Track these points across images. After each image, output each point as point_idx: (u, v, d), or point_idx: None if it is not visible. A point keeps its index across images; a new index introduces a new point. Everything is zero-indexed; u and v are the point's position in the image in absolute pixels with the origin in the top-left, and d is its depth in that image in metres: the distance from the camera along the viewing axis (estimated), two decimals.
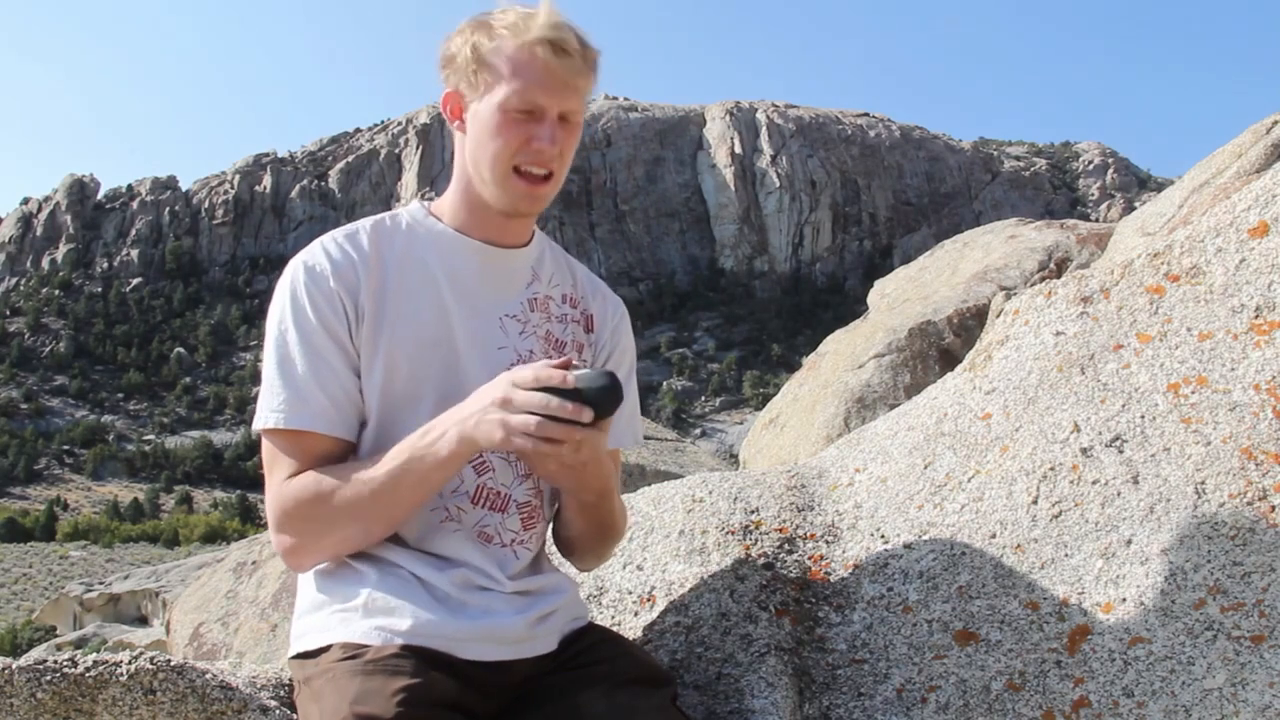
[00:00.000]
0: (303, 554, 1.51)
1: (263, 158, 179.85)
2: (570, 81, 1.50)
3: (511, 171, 1.53)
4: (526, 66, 1.48)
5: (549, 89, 1.49)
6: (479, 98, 1.53)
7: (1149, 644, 1.58)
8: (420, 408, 1.52)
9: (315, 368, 1.49)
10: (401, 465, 1.44)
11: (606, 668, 1.53)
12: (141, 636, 23.35)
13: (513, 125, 1.50)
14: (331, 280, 1.51)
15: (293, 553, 1.51)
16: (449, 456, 1.43)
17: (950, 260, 5.85)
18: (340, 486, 1.45)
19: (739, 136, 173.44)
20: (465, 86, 1.54)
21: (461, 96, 1.56)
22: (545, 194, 1.56)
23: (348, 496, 1.45)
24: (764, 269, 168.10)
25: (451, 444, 1.42)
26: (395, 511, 1.47)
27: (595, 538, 1.69)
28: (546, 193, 1.56)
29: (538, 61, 1.48)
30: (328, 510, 1.46)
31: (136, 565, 51.19)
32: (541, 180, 1.54)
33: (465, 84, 1.54)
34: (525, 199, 1.55)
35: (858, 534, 1.96)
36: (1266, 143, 3.79)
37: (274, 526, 1.50)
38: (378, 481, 1.44)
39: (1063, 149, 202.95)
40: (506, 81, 1.49)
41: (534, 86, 1.49)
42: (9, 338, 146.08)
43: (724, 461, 12.18)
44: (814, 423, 4.62)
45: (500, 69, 1.49)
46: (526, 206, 1.57)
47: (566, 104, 1.52)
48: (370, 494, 1.44)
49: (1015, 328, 2.10)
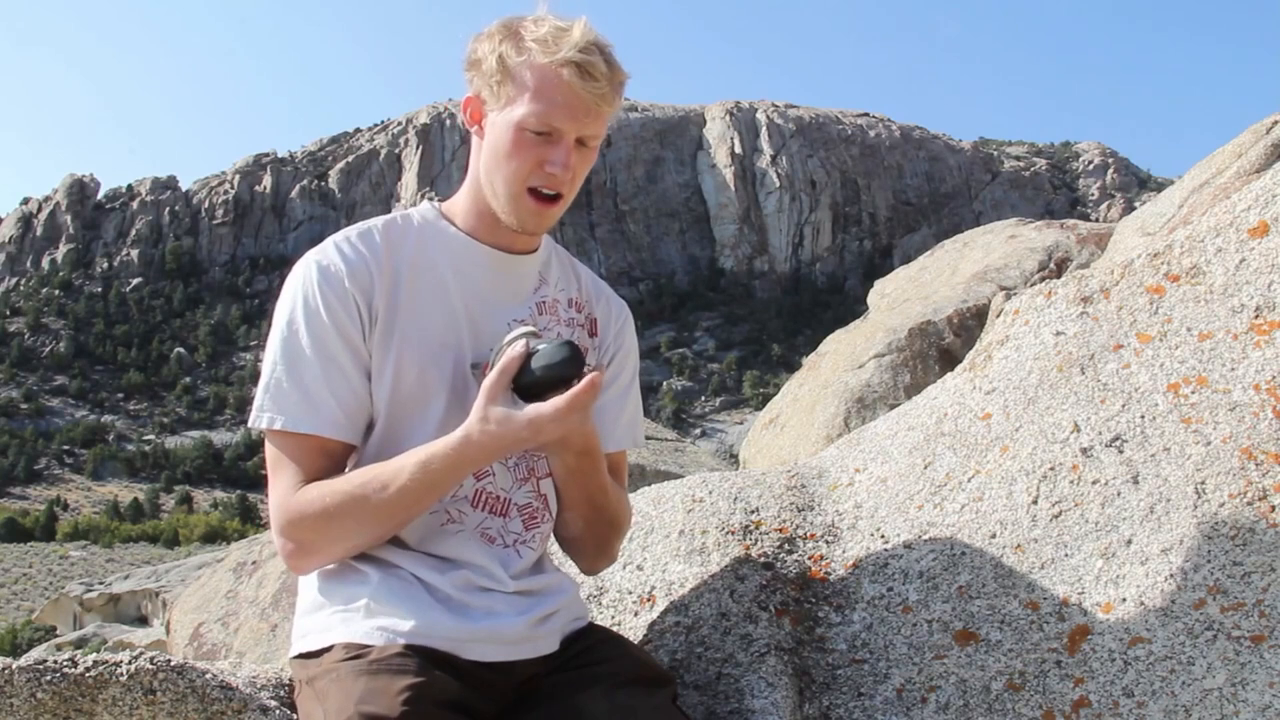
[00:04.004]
0: (305, 561, 1.52)
1: (263, 158, 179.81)
2: (593, 108, 1.48)
3: (524, 192, 1.52)
4: (550, 87, 1.46)
5: (570, 114, 1.47)
6: (499, 109, 1.51)
7: (1149, 644, 1.58)
8: (429, 411, 1.52)
9: (327, 371, 1.49)
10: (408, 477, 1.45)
11: (607, 668, 1.53)
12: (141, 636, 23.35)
13: (528, 146, 1.49)
14: (346, 280, 1.51)
15: (295, 557, 1.51)
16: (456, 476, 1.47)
17: (950, 260, 5.85)
18: (344, 494, 1.46)
19: (739, 136, 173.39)
20: (487, 94, 1.53)
21: (482, 103, 1.54)
22: (553, 214, 1.56)
23: (351, 519, 1.46)
24: (764, 269, 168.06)
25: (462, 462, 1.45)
26: (401, 523, 1.49)
27: (598, 535, 1.69)
28: (554, 213, 1.56)
29: (562, 84, 1.46)
30: (333, 528, 1.47)
31: (136, 565, 51.19)
32: (550, 201, 1.54)
33: (487, 91, 1.52)
34: (533, 218, 1.55)
35: (858, 534, 1.96)
36: (1266, 143, 3.79)
37: (276, 531, 1.51)
38: (389, 491, 1.45)
39: (1063, 149, 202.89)
40: (528, 100, 1.47)
41: (555, 109, 1.47)
42: (9, 338, 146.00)
43: (724, 461, 12.17)
44: (814, 423, 4.62)
45: (524, 84, 1.47)
46: (534, 226, 1.56)
47: (586, 129, 1.50)
48: (374, 515, 1.45)
49: (1015, 328, 2.10)
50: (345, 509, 1.45)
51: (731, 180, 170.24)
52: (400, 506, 1.45)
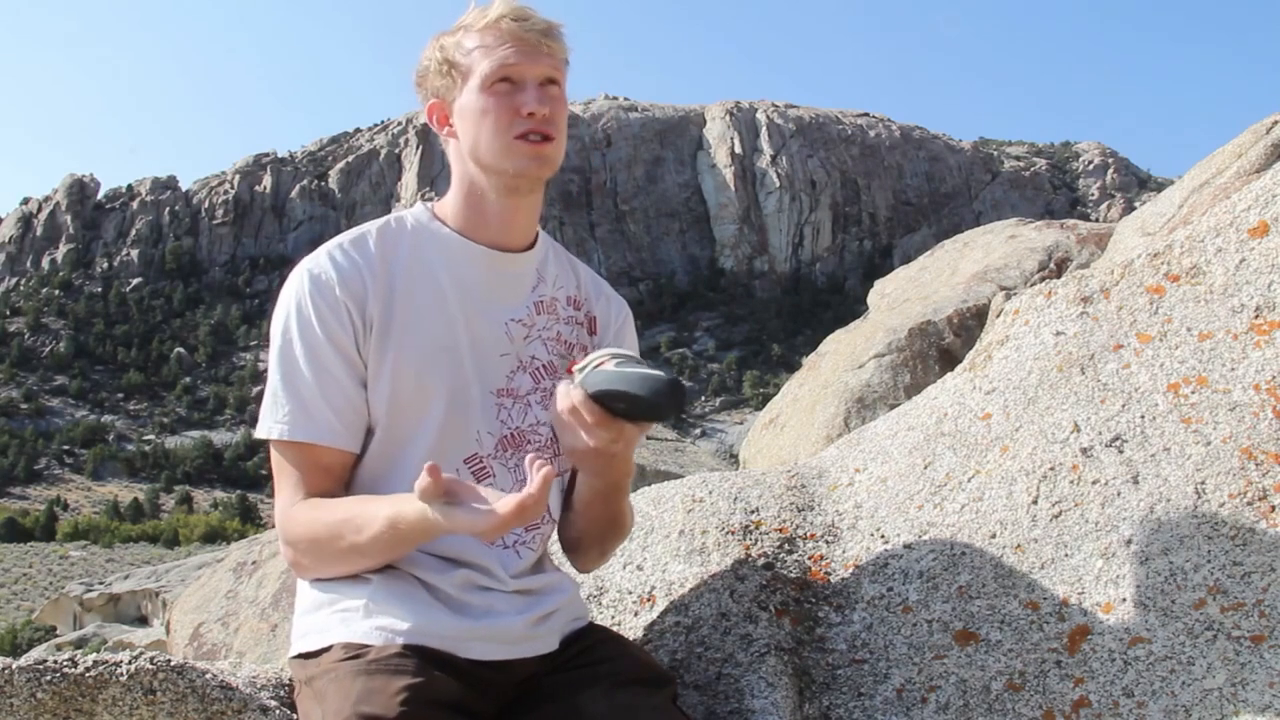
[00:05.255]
0: (305, 574, 1.56)
1: (263, 158, 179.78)
2: (539, 43, 1.52)
3: (513, 140, 1.52)
4: (494, 41, 1.51)
5: (521, 53, 1.51)
6: (459, 93, 1.54)
7: (1149, 644, 1.58)
8: (428, 415, 1.52)
9: (320, 381, 1.49)
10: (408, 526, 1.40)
11: (607, 668, 1.53)
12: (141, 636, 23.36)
13: (498, 98, 1.51)
14: (338, 290, 1.51)
15: (298, 566, 1.55)
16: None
17: (950, 260, 5.85)
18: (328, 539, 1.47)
19: (739, 136, 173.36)
20: (443, 89, 1.56)
21: (443, 101, 1.57)
22: (548, 154, 1.54)
23: (334, 552, 1.47)
24: (764, 269, 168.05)
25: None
26: (387, 559, 1.49)
27: (600, 536, 1.69)
28: (549, 153, 1.54)
29: (502, 33, 1.51)
30: (321, 555, 1.49)
31: (136, 565, 51.21)
32: (542, 140, 1.54)
33: (443, 86, 1.56)
34: (532, 160, 1.53)
35: (858, 534, 1.96)
36: (1266, 143, 3.79)
37: (280, 539, 1.53)
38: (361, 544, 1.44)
39: (1063, 149, 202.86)
40: (479, 63, 1.51)
41: (506, 54, 1.51)
42: (9, 338, 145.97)
43: (724, 461, 12.18)
44: (814, 423, 4.62)
45: (471, 55, 1.52)
46: (536, 169, 1.55)
47: (542, 66, 1.52)
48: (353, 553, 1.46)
49: (1015, 328, 2.10)
50: (328, 543, 1.47)
51: (731, 180, 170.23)
52: (375, 551, 1.45)
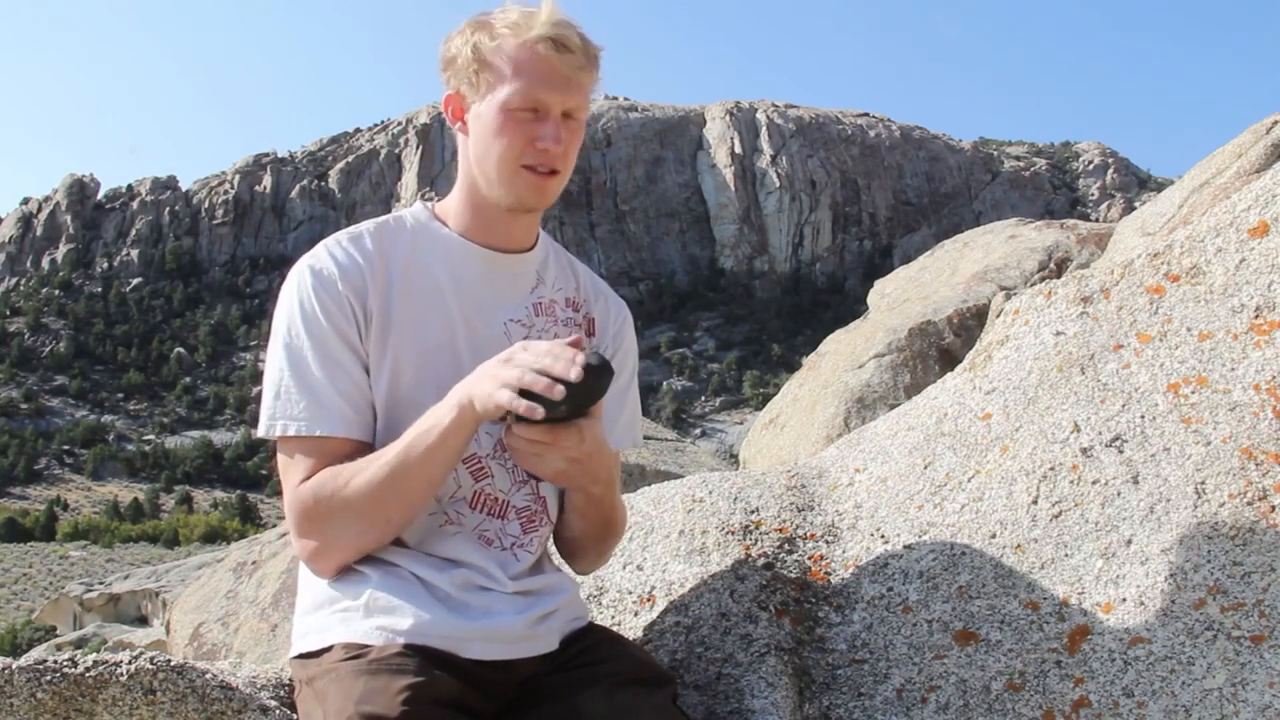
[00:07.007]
0: (327, 554, 1.50)
1: (263, 158, 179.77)
2: (573, 78, 1.49)
3: (519, 170, 1.52)
4: (529, 65, 1.48)
5: (552, 86, 1.48)
6: (481, 99, 1.52)
7: (1149, 644, 1.58)
8: (424, 412, 1.52)
9: (330, 372, 1.49)
10: (410, 438, 1.43)
11: (607, 668, 1.53)
12: (141, 636, 23.34)
13: (516, 125, 1.49)
14: (340, 284, 1.51)
15: (317, 555, 1.50)
16: (451, 425, 1.41)
17: (950, 260, 5.85)
18: (354, 473, 1.45)
19: (739, 136, 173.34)
20: (466, 88, 1.53)
21: (463, 98, 1.55)
22: (552, 188, 1.55)
23: (362, 480, 1.44)
24: (764, 269, 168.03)
25: (452, 408, 1.41)
26: (409, 493, 1.45)
27: (596, 537, 1.69)
28: (553, 187, 1.55)
29: (540, 59, 1.47)
30: (344, 498, 1.45)
31: (136, 565, 51.19)
32: (547, 174, 1.53)
33: (466, 85, 1.53)
34: (533, 192, 1.54)
35: (858, 534, 1.96)
36: (1266, 143, 3.79)
37: (295, 530, 1.50)
38: (390, 456, 1.43)
39: (1063, 149, 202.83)
40: (509, 81, 1.48)
41: (537, 85, 1.48)
42: (9, 338, 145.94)
43: (724, 461, 12.17)
44: (814, 423, 4.62)
45: (502, 68, 1.49)
46: (534, 200, 1.55)
47: (570, 101, 1.51)
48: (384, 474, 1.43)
49: (1015, 328, 2.10)
50: (355, 478, 1.44)
51: (731, 180, 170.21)
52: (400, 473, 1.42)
